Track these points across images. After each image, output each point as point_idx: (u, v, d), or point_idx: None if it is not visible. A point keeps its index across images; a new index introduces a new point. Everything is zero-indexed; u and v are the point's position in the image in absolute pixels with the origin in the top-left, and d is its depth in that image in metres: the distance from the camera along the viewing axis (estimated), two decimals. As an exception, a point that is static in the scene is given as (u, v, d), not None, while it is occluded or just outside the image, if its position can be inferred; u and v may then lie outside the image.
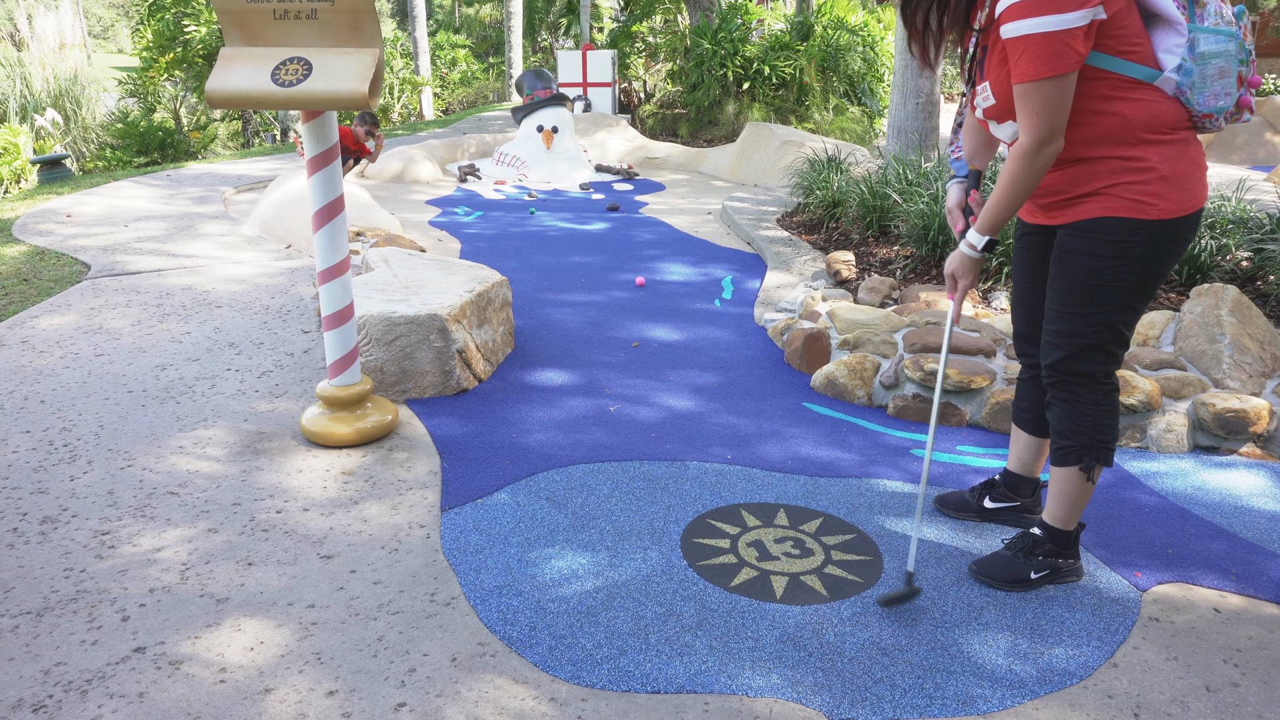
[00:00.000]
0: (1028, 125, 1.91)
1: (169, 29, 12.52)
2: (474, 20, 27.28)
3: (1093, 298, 2.06)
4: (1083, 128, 1.97)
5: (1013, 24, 1.85)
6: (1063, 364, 2.14)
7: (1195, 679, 1.96)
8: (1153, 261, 2.02)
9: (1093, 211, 2.02)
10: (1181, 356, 3.33)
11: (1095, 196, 2.01)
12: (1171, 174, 1.96)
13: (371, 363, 3.36)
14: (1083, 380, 2.13)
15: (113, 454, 2.94)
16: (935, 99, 6.59)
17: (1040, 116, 1.89)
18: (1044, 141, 1.91)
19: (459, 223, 6.80)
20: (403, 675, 1.94)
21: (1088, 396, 2.14)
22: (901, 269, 4.79)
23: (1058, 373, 2.16)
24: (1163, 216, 1.97)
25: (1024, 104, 1.90)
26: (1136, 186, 1.97)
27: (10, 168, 8.61)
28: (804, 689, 1.91)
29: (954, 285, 2.22)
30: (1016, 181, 1.97)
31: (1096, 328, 2.08)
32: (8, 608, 2.14)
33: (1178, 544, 2.50)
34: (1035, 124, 1.90)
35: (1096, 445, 2.16)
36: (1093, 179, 2.00)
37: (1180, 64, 1.93)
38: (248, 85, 2.63)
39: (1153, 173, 1.95)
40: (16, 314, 4.31)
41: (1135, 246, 1.99)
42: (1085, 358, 2.11)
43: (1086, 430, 2.15)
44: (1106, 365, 2.13)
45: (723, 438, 3.15)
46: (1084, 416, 2.14)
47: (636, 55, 14.34)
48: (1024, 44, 1.85)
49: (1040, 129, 1.90)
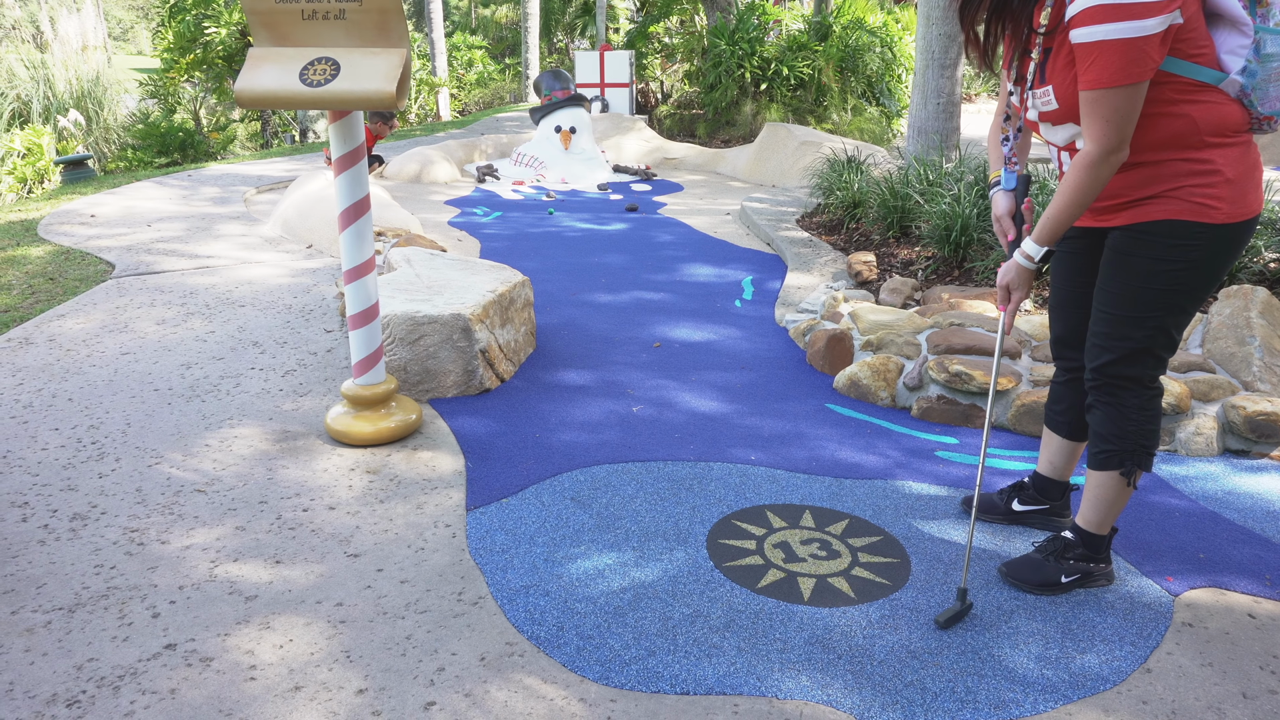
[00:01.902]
0: (1096, 133, 1.87)
1: (189, 30, 12.61)
2: (490, 21, 27.35)
3: (1149, 301, 2.03)
4: (1149, 131, 1.93)
5: (1086, 29, 1.80)
6: (1110, 367, 2.11)
7: (1231, 685, 1.93)
8: (1211, 265, 1.99)
9: (1155, 214, 1.99)
10: (1210, 359, 3.29)
11: (1158, 199, 1.98)
12: (1235, 177, 1.94)
13: (395, 362, 3.37)
14: (1129, 384, 2.11)
15: (140, 452, 2.96)
16: (956, 99, 6.55)
17: (1110, 124, 1.85)
18: (1111, 150, 1.87)
19: (478, 223, 6.82)
20: (432, 674, 1.94)
21: (1133, 401, 2.11)
22: (923, 270, 4.77)
23: (1104, 376, 2.13)
24: (1226, 220, 1.94)
25: (1093, 111, 1.86)
26: (1202, 190, 1.94)
27: (34, 168, 8.69)
28: (834, 691, 1.90)
29: (1006, 297, 2.16)
30: (1080, 190, 1.93)
31: (1149, 331, 2.05)
32: (40, 604, 2.16)
33: (1209, 549, 2.47)
34: (1104, 132, 1.86)
35: (1139, 450, 2.13)
36: (1157, 181, 1.97)
37: (1245, 66, 1.89)
38: (276, 85, 2.65)
39: (1218, 175, 1.93)
40: (43, 313, 4.35)
41: (1196, 250, 1.97)
42: (1135, 361, 2.08)
43: (1130, 435, 2.12)
44: (1154, 369, 2.10)
45: (746, 438, 3.14)
46: (1128, 421, 2.12)
47: (654, 56, 14.34)
48: (1097, 50, 1.80)
49: (1109, 137, 1.86)
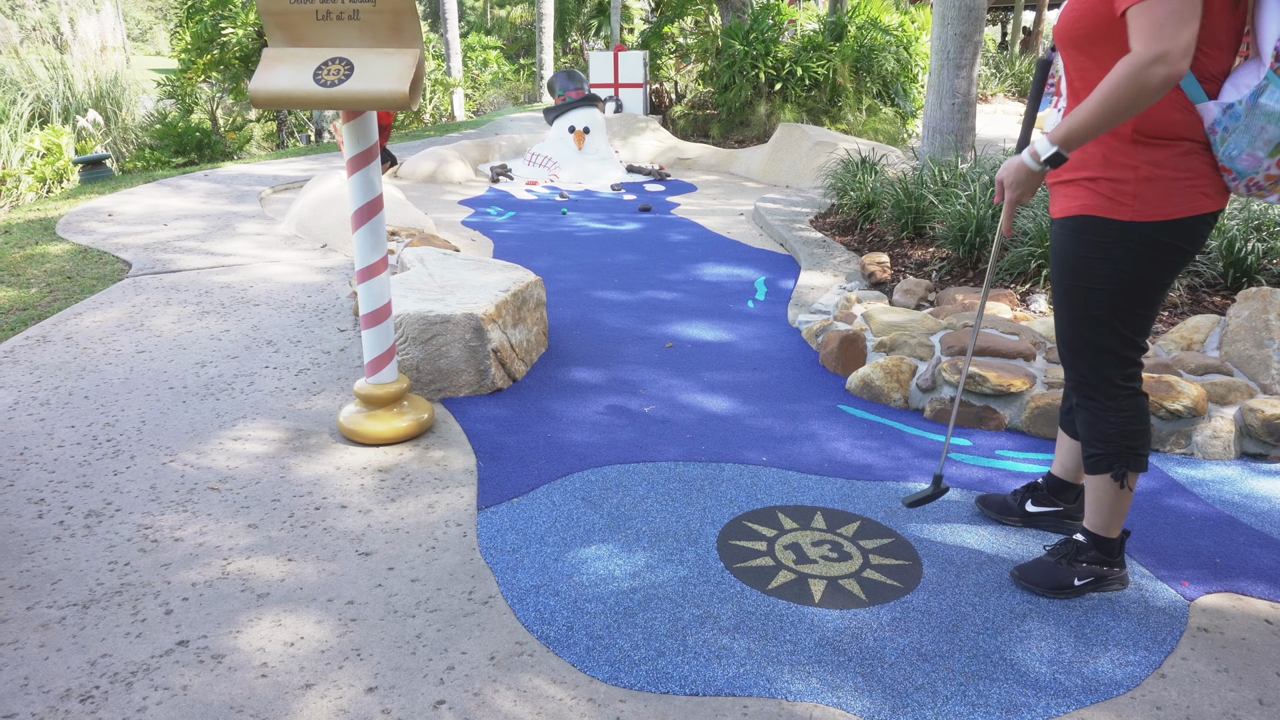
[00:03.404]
0: (1143, 34, 1.70)
1: (207, 31, 12.69)
2: (505, 21, 27.42)
3: (1095, 300, 2.02)
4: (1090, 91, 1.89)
5: None
6: (1076, 368, 2.12)
7: (1248, 692, 1.91)
8: (1139, 265, 1.95)
9: (1073, 208, 1.99)
10: (1228, 361, 3.26)
11: (1078, 186, 1.98)
12: (1156, 177, 1.88)
13: (408, 361, 3.38)
14: (1100, 385, 2.10)
15: (155, 449, 2.98)
16: (972, 99, 6.51)
17: (1157, 28, 1.67)
18: (1157, 58, 1.66)
19: (491, 223, 6.83)
20: (441, 673, 1.94)
21: (1108, 403, 2.10)
22: (937, 271, 4.74)
23: (1076, 375, 2.14)
24: (1134, 219, 1.90)
25: (1139, 14, 1.70)
26: (1113, 184, 1.92)
27: (53, 168, 8.77)
28: (844, 694, 1.89)
29: (1000, 193, 2.03)
30: (1114, 92, 1.72)
31: (1102, 330, 2.04)
32: (55, 599, 2.18)
33: (1226, 553, 2.44)
34: (1151, 35, 1.68)
35: (1125, 452, 2.11)
36: (1086, 165, 1.97)
37: (1233, 104, 1.79)
38: (290, 85, 2.66)
39: (1135, 173, 1.89)
40: (61, 311, 4.39)
41: (1114, 247, 1.95)
42: (1097, 362, 2.08)
43: (1111, 438, 2.11)
44: (1121, 369, 2.07)
45: (758, 439, 3.13)
46: (1106, 424, 2.11)
47: (668, 56, 14.33)
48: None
49: (1156, 41, 1.67)
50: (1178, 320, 3.75)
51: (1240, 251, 4.00)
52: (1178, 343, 3.42)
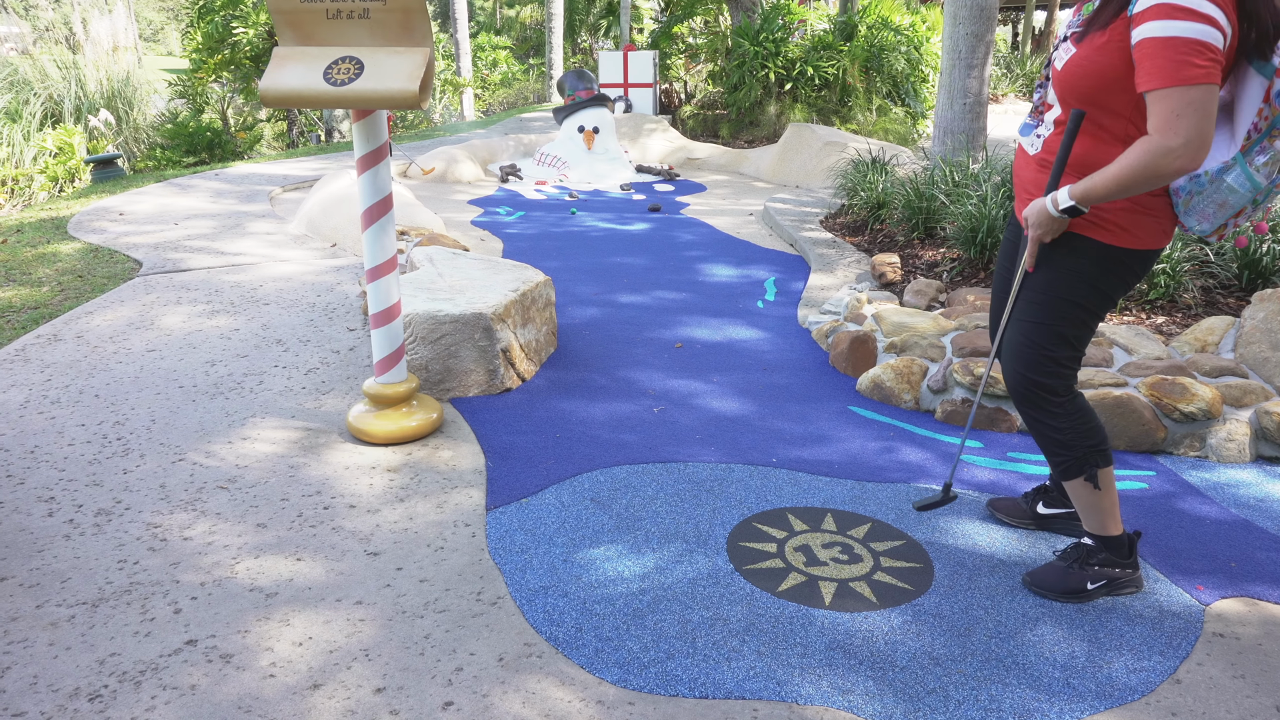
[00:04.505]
0: (1158, 122, 1.76)
1: (218, 31, 12.74)
2: (515, 21, 27.43)
3: (1052, 308, 2.08)
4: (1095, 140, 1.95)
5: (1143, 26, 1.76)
6: (1022, 375, 2.14)
7: (1265, 698, 1.89)
8: (1102, 283, 2.04)
9: None
10: (1243, 363, 3.23)
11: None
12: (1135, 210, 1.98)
13: (417, 361, 3.37)
14: (1046, 394, 2.13)
15: (164, 448, 2.98)
16: (983, 100, 6.47)
17: (1177, 118, 1.73)
18: (1171, 149, 1.73)
19: (501, 222, 6.83)
20: (450, 674, 1.94)
21: (1054, 410, 2.14)
22: (948, 271, 4.71)
23: (1019, 383, 2.15)
24: (1112, 243, 1.99)
25: (1156, 103, 1.76)
26: (1098, 211, 1.98)
27: (65, 167, 8.81)
28: (854, 698, 1.88)
29: (1025, 226, 2.09)
30: (1129, 169, 1.79)
31: (1053, 338, 2.10)
32: (64, 598, 2.18)
33: (1241, 557, 2.42)
34: (1168, 125, 1.74)
35: (1089, 452, 2.16)
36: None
37: (1199, 175, 1.88)
38: (300, 84, 2.66)
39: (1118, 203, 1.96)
40: (72, 309, 4.40)
41: (1088, 266, 2.02)
42: (1043, 369, 2.12)
43: (1072, 444, 2.15)
44: (1063, 379, 2.13)
45: (767, 440, 3.11)
46: (1060, 432, 2.15)
47: (678, 56, 14.31)
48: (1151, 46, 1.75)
49: (1173, 131, 1.73)
50: (1192, 322, 3.72)
51: (1255, 253, 3.97)
52: (1192, 344, 3.39)
